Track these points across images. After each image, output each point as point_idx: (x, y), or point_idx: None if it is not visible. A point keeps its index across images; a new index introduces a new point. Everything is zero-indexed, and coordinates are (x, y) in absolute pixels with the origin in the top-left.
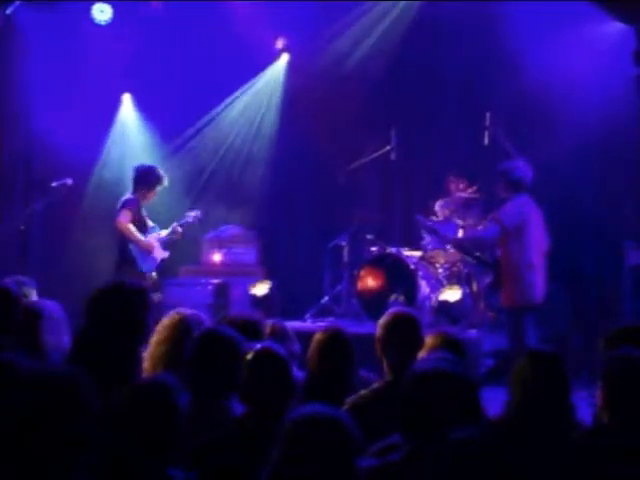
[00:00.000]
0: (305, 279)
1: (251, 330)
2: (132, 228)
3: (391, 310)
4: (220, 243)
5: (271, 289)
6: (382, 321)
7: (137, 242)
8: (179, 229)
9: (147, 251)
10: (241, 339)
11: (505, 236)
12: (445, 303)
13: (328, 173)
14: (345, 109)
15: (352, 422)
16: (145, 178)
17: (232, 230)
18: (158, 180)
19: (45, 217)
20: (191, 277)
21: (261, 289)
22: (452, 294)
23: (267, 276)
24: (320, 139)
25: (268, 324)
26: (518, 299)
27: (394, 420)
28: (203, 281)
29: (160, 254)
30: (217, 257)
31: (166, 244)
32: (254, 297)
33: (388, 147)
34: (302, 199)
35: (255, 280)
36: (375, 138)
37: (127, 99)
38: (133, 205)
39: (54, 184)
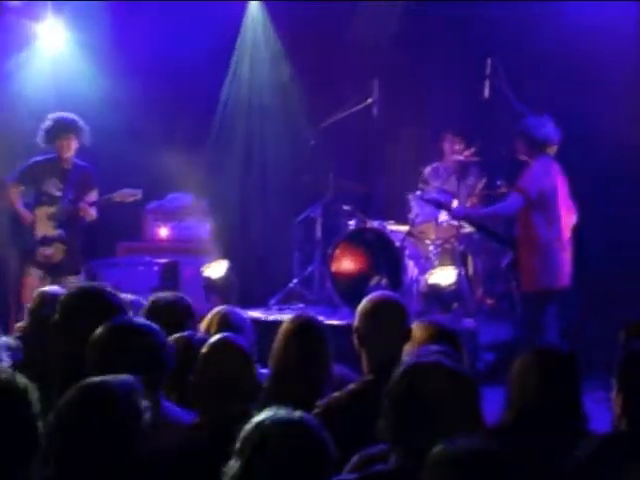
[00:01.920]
0: (269, 259)
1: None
2: None
3: (372, 295)
4: (166, 215)
5: (228, 270)
6: (362, 308)
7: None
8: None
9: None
10: (157, 330)
11: (527, 207)
12: (436, 287)
13: (296, 132)
14: (316, 54)
15: (323, 430)
16: None
17: (180, 199)
18: None
19: None
20: (132, 256)
21: (217, 270)
22: (444, 276)
23: (224, 255)
24: (287, 93)
25: (218, 312)
26: (541, 281)
27: (375, 427)
28: (147, 260)
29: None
30: (163, 232)
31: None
32: (208, 280)
33: (369, 100)
34: (265, 163)
35: (209, 260)
36: (353, 90)
37: None
38: None
39: None
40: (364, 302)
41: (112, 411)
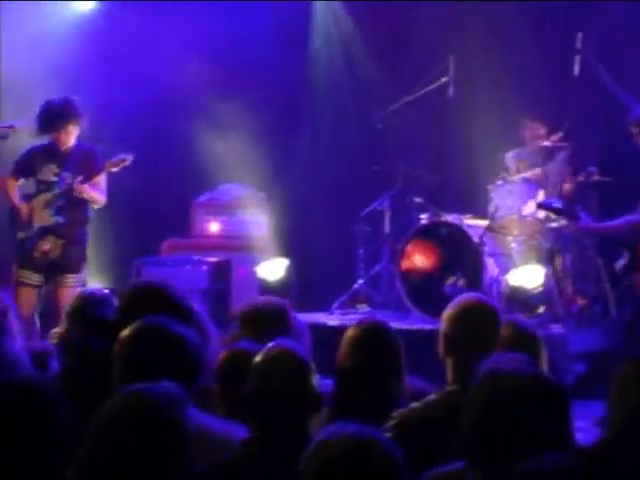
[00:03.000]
0: (332, 257)
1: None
2: None
3: (462, 298)
4: (217, 208)
5: (287, 270)
6: (450, 312)
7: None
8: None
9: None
10: (195, 338)
11: None
12: (519, 289)
13: (362, 116)
14: (385, 29)
15: (397, 448)
16: None
17: (233, 191)
18: None
19: None
20: (179, 254)
21: (273, 270)
22: (529, 276)
23: (281, 253)
24: (349, 71)
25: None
26: None
27: (457, 441)
28: (195, 259)
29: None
30: (214, 227)
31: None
32: (264, 281)
33: (443, 79)
34: (328, 150)
35: (265, 259)
36: (426, 68)
37: None
38: None
39: None
40: (453, 305)
41: (154, 423)
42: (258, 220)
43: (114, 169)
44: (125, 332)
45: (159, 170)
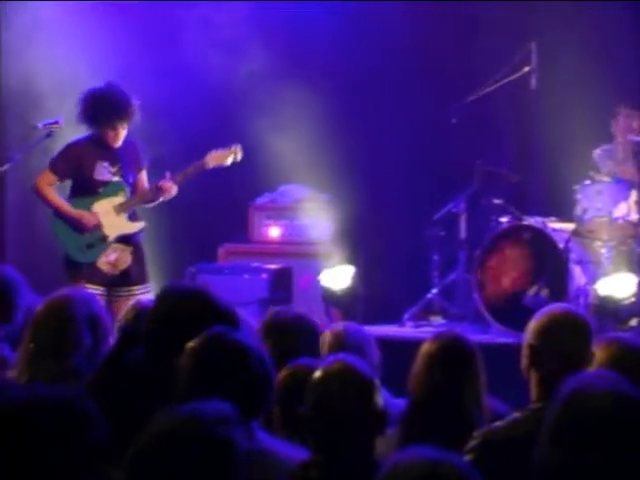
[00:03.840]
0: (403, 264)
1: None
2: None
3: (551, 308)
4: (277, 211)
5: (353, 279)
6: (538, 323)
7: None
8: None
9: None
10: (262, 350)
11: None
12: (610, 299)
13: (435, 109)
14: (460, 12)
15: (475, 473)
16: None
17: (295, 193)
18: None
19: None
20: (236, 261)
21: (338, 279)
22: (621, 286)
23: (347, 260)
24: (422, 60)
25: (333, 329)
26: None
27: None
28: (253, 266)
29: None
30: (273, 232)
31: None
32: (328, 290)
33: (525, 69)
34: (396, 147)
35: (329, 266)
36: (506, 56)
37: None
38: None
39: (40, 126)
40: (540, 315)
41: (202, 445)
42: (321, 224)
43: (224, 164)
44: (192, 343)
45: (214, 170)
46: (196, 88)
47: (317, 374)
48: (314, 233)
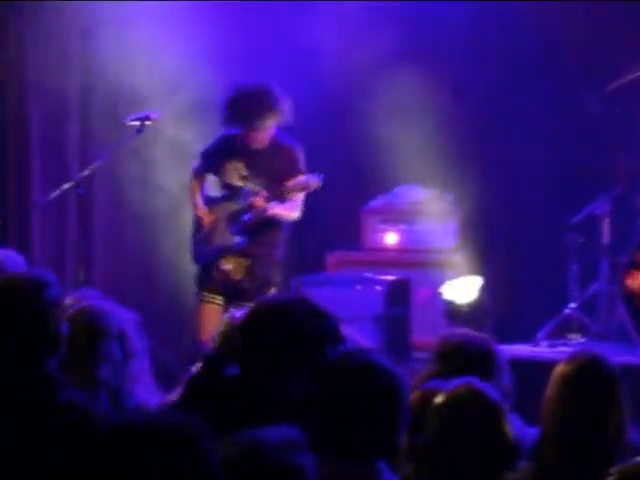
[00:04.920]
0: (536, 275)
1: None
2: None
3: None
4: (394, 215)
5: (480, 292)
6: None
7: None
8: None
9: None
10: (400, 373)
11: None
12: None
13: (572, 100)
14: None
15: None
16: None
17: (413, 194)
18: None
19: (113, 174)
20: (347, 271)
21: (463, 292)
22: None
23: (473, 270)
24: (557, 46)
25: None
26: None
27: None
28: (367, 277)
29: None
30: (390, 238)
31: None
32: (451, 304)
33: None
34: (527, 142)
35: (453, 277)
36: None
37: None
38: None
39: (129, 121)
40: None
41: (268, 472)
42: (444, 229)
43: (293, 194)
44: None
45: (323, 169)
46: (307, 84)
47: (440, 398)
48: (435, 239)
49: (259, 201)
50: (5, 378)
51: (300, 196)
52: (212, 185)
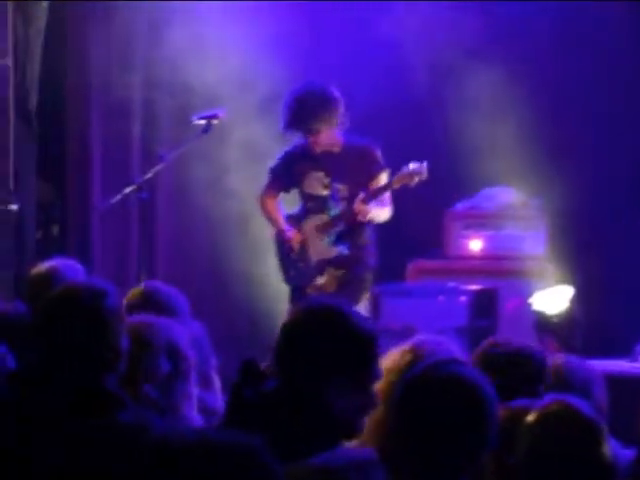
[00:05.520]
0: (632, 284)
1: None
2: None
3: None
4: (480, 220)
5: (572, 302)
6: None
7: None
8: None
9: None
10: (490, 389)
11: None
12: None
13: None
14: None
15: None
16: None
17: (500, 197)
18: None
19: (178, 176)
20: (429, 280)
21: (554, 302)
22: None
23: (564, 279)
24: None
25: (552, 364)
26: None
27: None
28: (451, 287)
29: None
30: (475, 245)
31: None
32: (541, 316)
33: None
34: (626, 144)
35: (543, 286)
36: None
37: None
38: None
39: (195, 120)
40: None
41: None
42: (533, 235)
43: (410, 183)
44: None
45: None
46: (388, 80)
47: (531, 417)
48: (524, 246)
49: (360, 205)
50: (62, 395)
51: (388, 194)
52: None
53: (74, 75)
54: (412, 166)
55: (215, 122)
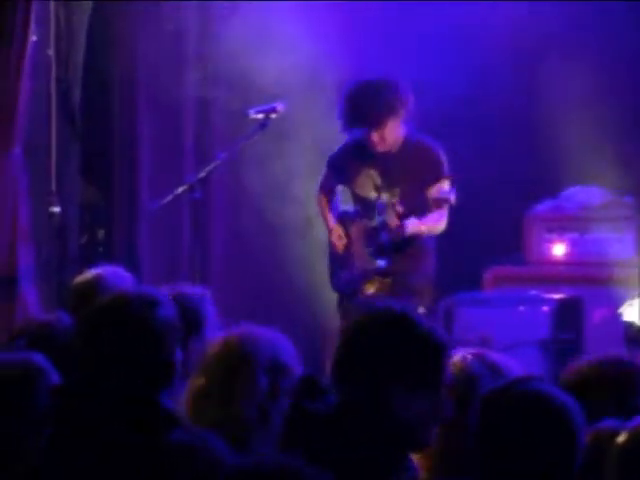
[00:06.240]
0: None
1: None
2: None
3: None
4: (564, 222)
5: None
6: None
7: None
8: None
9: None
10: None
11: None
12: None
13: None
14: None
15: None
16: None
17: (586, 197)
18: None
19: (234, 174)
20: (507, 288)
21: None
22: None
23: None
24: None
25: None
26: None
27: None
28: (532, 296)
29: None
30: (558, 250)
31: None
32: (632, 327)
33: None
34: None
35: (634, 294)
36: None
37: None
38: None
39: (253, 114)
40: None
41: None
42: (622, 238)
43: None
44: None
45: (480, 171)
46: (466, 75)
47: (621, 439)
48: (613, 251)
49: (393, 220)
50: (109, 411)
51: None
52: (344, 197)
53: (121, 71)
54: (451, 192)
55: (273, 116)
